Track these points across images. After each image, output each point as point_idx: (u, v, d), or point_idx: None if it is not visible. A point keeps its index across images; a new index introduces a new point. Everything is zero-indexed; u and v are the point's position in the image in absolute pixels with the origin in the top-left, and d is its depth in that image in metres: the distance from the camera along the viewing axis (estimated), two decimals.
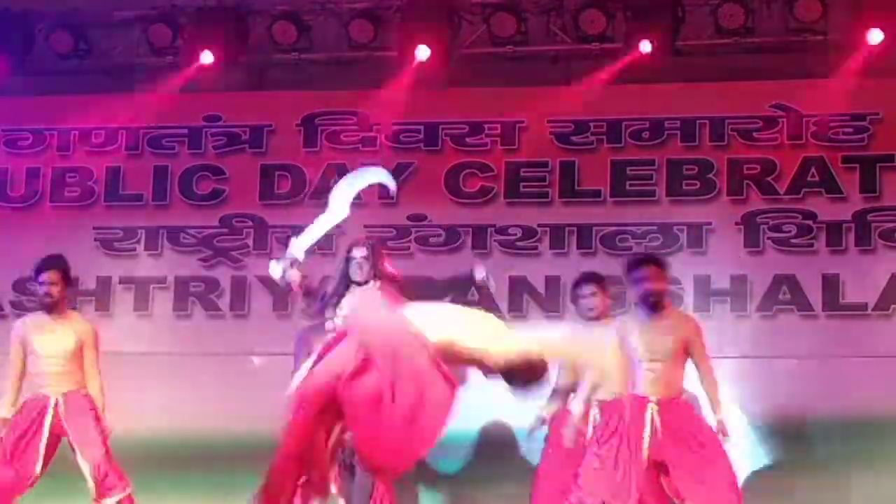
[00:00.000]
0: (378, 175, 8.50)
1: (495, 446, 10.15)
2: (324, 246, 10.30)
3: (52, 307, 8.98)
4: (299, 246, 7.89)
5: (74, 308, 9.55)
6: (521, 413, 8.70)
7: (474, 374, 8.59)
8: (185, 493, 9.91)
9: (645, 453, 8.20)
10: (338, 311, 7.89)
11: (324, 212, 8.21)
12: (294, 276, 7.97)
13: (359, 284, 7.79)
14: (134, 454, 9.28)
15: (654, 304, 8.37)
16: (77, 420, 8.94)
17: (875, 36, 10.10)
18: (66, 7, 10.85)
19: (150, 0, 10.86)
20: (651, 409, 8.25)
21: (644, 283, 8.37)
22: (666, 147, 10.51)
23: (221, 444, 10.20)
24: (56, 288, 8.96)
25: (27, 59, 10.96)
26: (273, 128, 10.94)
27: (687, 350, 8.35)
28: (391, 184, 8.57)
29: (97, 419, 8.96)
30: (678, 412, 8.27)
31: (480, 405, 10.13)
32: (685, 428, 8.22)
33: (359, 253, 7.86)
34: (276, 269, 7.95)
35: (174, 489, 9.87)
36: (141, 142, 11.01)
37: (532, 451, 9.31)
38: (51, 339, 8.97)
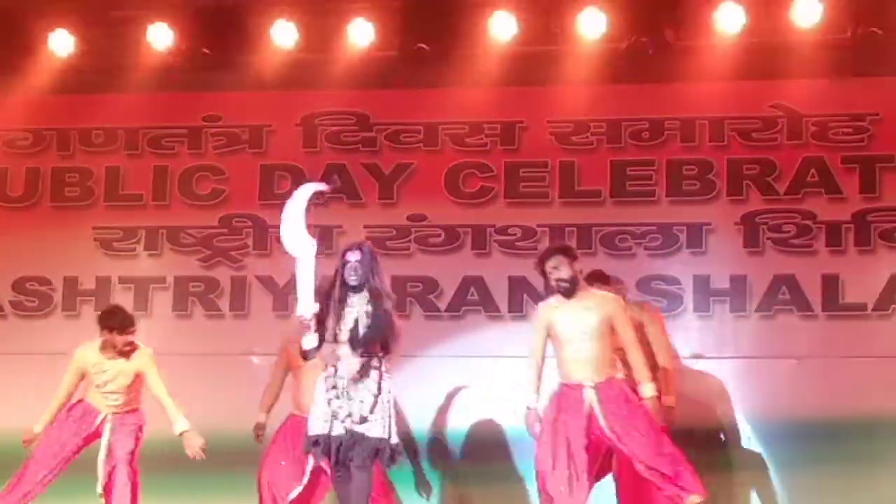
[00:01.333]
0: (307, 191, 8.35)
1: (490, 445, 10.16)
2: (322, 245, 10.33)
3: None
4: (307, 306, 7.77)
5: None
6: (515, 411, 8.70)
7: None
8: (185, 492, 9.91)
9: (583, 440, 8.23)
10: (335, 316, 7.81)
11: (296, 258, 8.09)
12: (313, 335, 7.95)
13: (353, 289, 7.78)
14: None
15: (566, 291, 8.48)
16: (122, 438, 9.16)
17: (874, 35, 10.09)
18: (66, 7, 10.83)
19: None
20: (588, 395, 8.30)
21: (553, 273, 8.51)
22: (666, 147, 10.51)
23: (221, 444, 10.18)
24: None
25: (27, 58, 10.94)
26: (272, 128, 10.95)
27: (613, 328, 8.44)
28: (321, 185, 8.47)
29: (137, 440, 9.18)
30: (615, 393, 8.32)
31: (475, 404, 10.25)
32: (624, 408, 8.27)
33: (353, 257, 7.84)
34: (311, 341, 7.83)
35: (174, 489, 9.87)
36: (141, 142, 11.01)
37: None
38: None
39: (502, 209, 10.62)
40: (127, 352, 9.11)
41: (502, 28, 10.49)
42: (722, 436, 9.99)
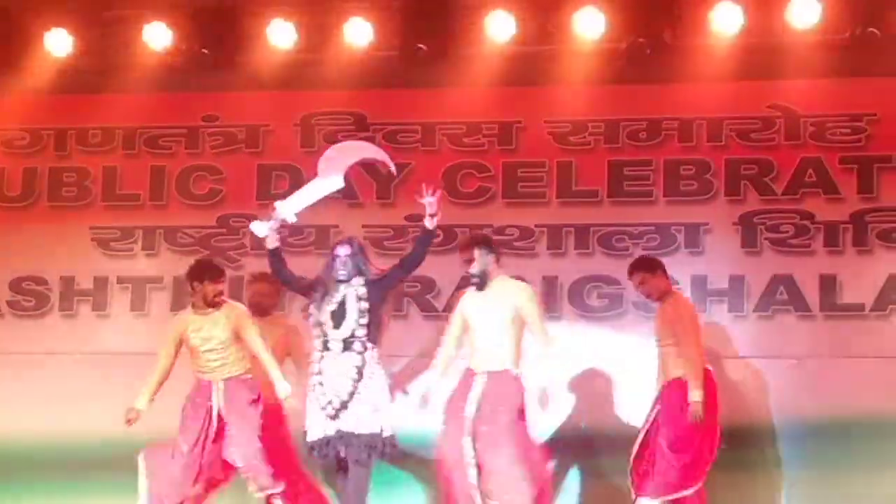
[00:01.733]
0: (372, 151, 8.45)
1: None
2: (319, 244, 10.36)
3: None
4: (290, 208, 7.86)
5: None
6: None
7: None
8: None
9: (468, 425, 8.42)
10: (323, 306, 7.95)
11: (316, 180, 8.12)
12: (274, 240, 8.04)
13: (342, 282, 7.86)
14: (132, 454, 9.25)
15: (478, 284, 8.71)
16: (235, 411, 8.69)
17: (872, 36, 10.10)
18: (64, 6, 10.83)
19: None
20: (478, 382, 8.51)
21: (466, 265, 8.77)
22: (663, 147, 10.52)
23: None
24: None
25: (24, 58, 10.93)
26: (270, 128, 10.94)
27: (522, 318, 8.60)
28: (389, 162, 8.55)
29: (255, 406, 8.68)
30: (501, 385, 8.48)
31: None
32: (499, 402, 8.42)
33: (343, 251, 7.95)
34: (261, 228, 7.96)
35: None
36: (138, 141, 11.00)
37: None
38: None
39: (500, 209, 10.62)
40: (218, 303, 8.72)
41: (500, 28, 10.50)
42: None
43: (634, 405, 10.01)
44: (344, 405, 7.70)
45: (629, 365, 10.05)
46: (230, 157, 10.93)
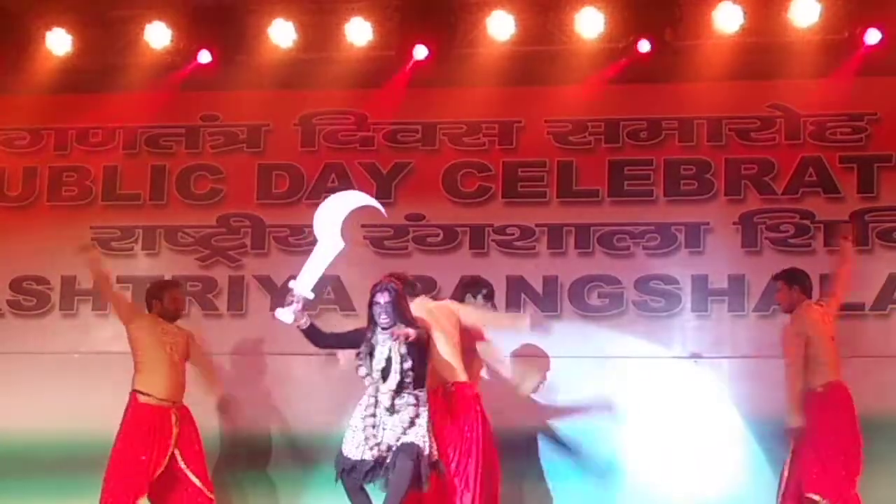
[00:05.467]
0: (362, 199, 8.45)
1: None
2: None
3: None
4: (305, 285, 7.86)
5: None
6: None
7: None
8: None
9: None
10: (372, 364, 7.97)
11: (318, 244, 8.13)
12: (303, 321, 8.02)
13: (383, 329, 7.90)
14: None
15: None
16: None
17: (872, 36, 10.11)
18: (64, 6, 10.83)
19: None
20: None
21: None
22: (664, 147, 10.52)
23: (219, 444, 10.22)
24: None
25: (24, 57, 10.93)
26: (270, 127, 10.94)
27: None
28: (379, 207, 8.54)
29: None
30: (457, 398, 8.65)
31: None
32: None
33: (382, 299, 7.96)
34: (286, 315, 7.93)
35: None
36: (138, 141, 11.00)
37: None
38: None
39: (500, 209, 10.62)
40: None
41: (501, 28, 10.51)
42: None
43: (634, 405, 10.09)
44: (390, 448, 7.81)
45: (629, 365, 10.09)
46: (230, 157, 10.93)
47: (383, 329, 7.93)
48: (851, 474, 8.96)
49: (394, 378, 7.83)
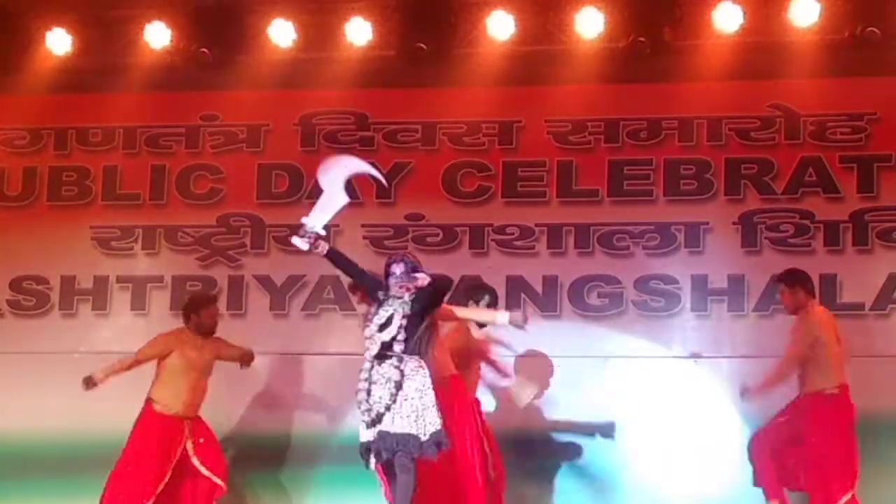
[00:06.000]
0: (363, 166, 8.41)
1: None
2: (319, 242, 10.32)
3: None
4: (317, 221, 7.87)
5: None
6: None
7: None
8: None
9: None
10: (374, 319, 7.93)
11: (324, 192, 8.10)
12: (323, 247, 7.98)
13: (397, 297, 7.89)
14: None
15: None
16: None
17: (872, 36, 10.10)
18: (64, 6, 10.83)
19: None
20: None
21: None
22: (663, 147, 10.52)
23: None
24: None
25: (24, 57, 10.93)
26: (270, 127, 10.94)
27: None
28: (381, 178, 8.49)
29: None
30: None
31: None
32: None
33: (398, 269, 7.93)
34: (302, 243, 7.91)
35: None
36: (138, 140, 11.00)
37: None
38: None
39: (500, 208, 10.62)
40: None
41: (500, 27, 10.51)
42: None
43: (634, 405, 10.08)
44: (381, 415, 7.76)
45: (629, 365, 10.09)
46: (230, 157, 10.93)
47: (397, 298, 7.91)
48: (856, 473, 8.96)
49: (390, 332, 7.79)
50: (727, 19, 10.27)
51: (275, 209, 10.76)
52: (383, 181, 8.60)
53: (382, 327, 7.81)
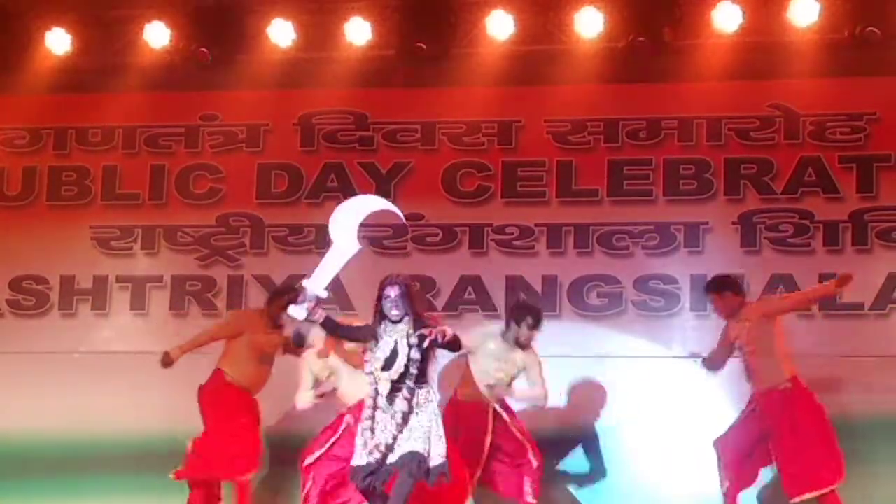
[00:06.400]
0: (379, 203, 8.38)
1: None
2: (319, 243, 10.35)
3: None
4: (318, 284, 7.80)
5: None
6: None
7: None
8: (184, 491, 9.88)
9: None
10: (375, 352, 7.88)
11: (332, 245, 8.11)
12: (320, 315, 7.93)
13: (393, 322, 7.81)
14: (131, 453, 9.28)
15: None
16: None
17: (872, 36, 10.11)
18: (63, 5, 10.83)
19: None
20: None
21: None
22: (663, 146, 10.52)
23: None
24: None
25: (24, 57, 10.93)
26: (270, 127, 10.94)
27: None
28: (397, 211, 8.43)
29: None
30: None
31: None
32: None
33: (393, 292, 7.86)
34: (299, 312, 7.85)
35: (171, 489, 9.85)
36: (138, 140, 11.00)
37: None
38: None
39: (500, 208, 10.62)
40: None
41: (500, 27, 10.52)
42: None
43: (634, 404, 10.08)
44: (389, 448, 7.72)
45: (629, 365, 10.09)
46: (230, 157, 10.93)
47: (393, 322, 7.86)
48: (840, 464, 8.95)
49: (398, 368, 7.75)
50: (727, 19, 10.28)
51: (274, 209, 10.77)
52: (401, 216, 8.48)
53: (387, 364, 7.71)
